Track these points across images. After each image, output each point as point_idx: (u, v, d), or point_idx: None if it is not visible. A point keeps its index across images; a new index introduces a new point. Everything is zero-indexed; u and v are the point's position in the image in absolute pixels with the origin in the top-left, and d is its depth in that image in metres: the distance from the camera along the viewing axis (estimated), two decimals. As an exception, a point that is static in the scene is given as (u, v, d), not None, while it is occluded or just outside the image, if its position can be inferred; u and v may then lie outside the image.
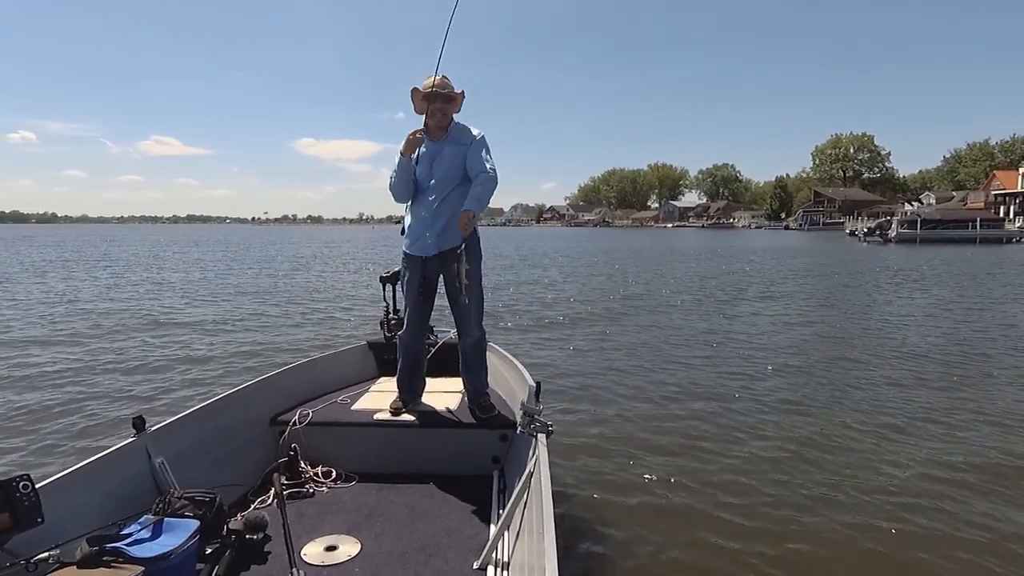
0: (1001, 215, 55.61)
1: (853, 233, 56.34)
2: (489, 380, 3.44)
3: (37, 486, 1.90)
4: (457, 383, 3.55)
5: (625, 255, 31.73)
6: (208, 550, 2.19)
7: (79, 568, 1.85)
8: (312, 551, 2.37)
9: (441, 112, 3.11)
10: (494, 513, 2.68)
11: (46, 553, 1.82)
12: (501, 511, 2.58)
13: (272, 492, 2.73)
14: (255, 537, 2.33)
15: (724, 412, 5.30)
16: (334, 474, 3.03)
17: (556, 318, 10.75)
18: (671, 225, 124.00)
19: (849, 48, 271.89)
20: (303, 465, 3.01)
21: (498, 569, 2.23)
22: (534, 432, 2.37)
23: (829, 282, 17.37)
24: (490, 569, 2.24)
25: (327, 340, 8.60)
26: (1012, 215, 57.63)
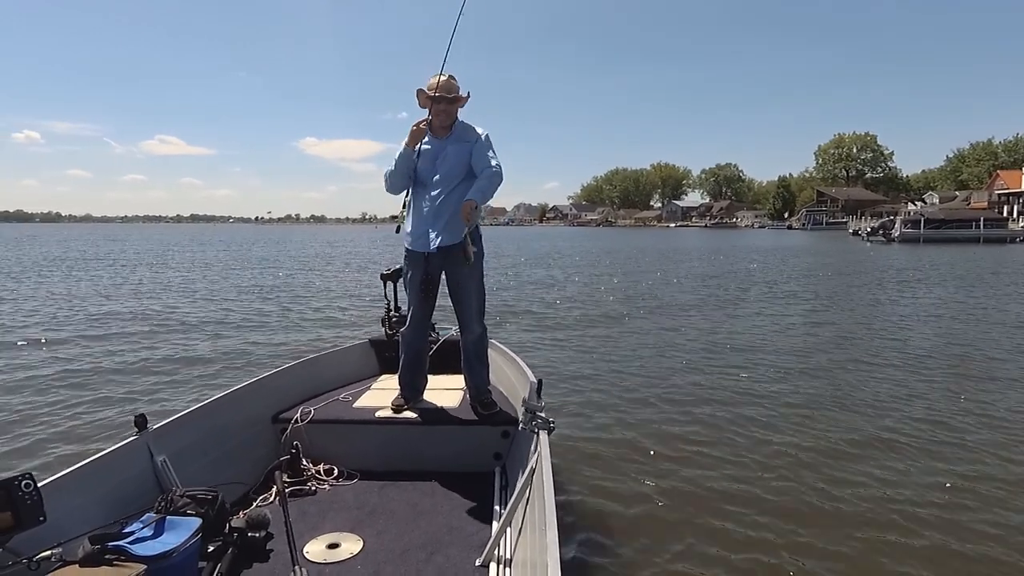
0: (1005, 215, 55.45)
1: (856, 233, 56.27)
2: (491, 377, 3.45)
3: (39, 485, 1.90)
4: (459, 380, 3.56)
5: (628, 255, 31.69)
6: (210, 548, 2.19)
7: (81, 567, 1.85)
8: (314, 549, 2.37)
9: (445, 113, 3.14)
10: (496, 510, 2.68)
11: (48, 552, 1.82)
12: (503, 508, 2.58)
13: (274, 490, 2.74)
14: (257, 535, 2.33)
15: (726, 412, 5.29)
16: (336, 472, 3.04)
17: (557, 318, 10.75)
18: (674, 225, 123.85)
19: (850, 48, 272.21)
20: (305, 463, 3.02)
21: (500, 566, 2.23)
22: (536, 429, 2.37)
23: (832, 282, 17.33)
24: (492, 566, 2.23)
25: (328, 338, 8.62)
26: (1016, 215, 57.49)
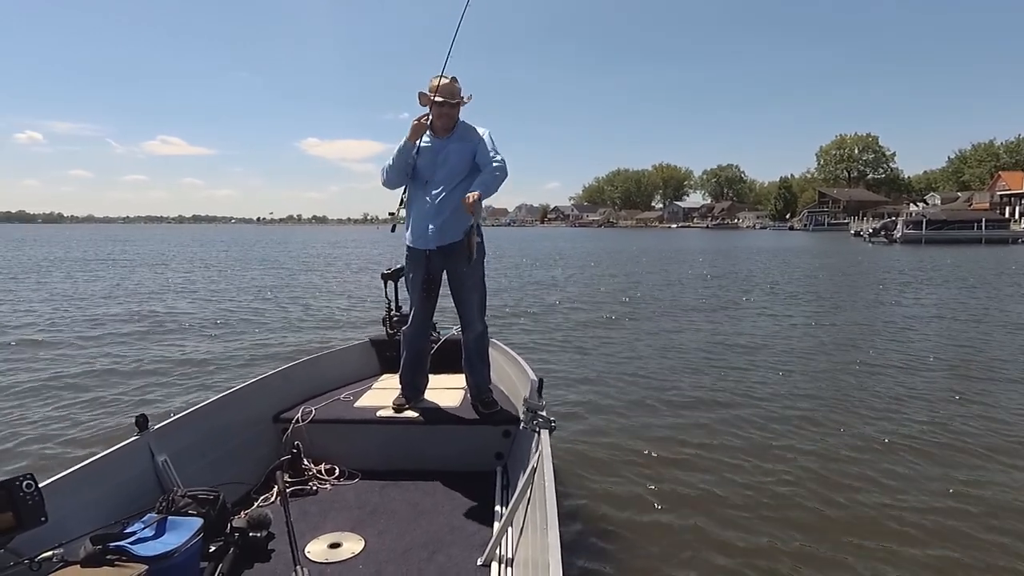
0: (1006, 216, 55.40)
1: (858, 234, 56.20)
2: (492, 376, 3.44)
3: (40, 485, 1.90)
4: (460, 380, 3.55)
5: (629, 256, 31.67)
6: (211, 548, 2.19)
7: (83, 567, 1.85)
8: (316, 548, 2.37)
9: (448, 116, 3.15)
10: (497, 509, 2.67)
11: (50, 552, 1.82)
12: (504, 507, 2.58)
13: (275, 490, 2.74)
14: (258, 535, 2.33)
15: (727, 414, 5.28)
16: (337, 471, 3.03)
17: (559, 319, 10.74)
18: (675, 226, 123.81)
19: (850, 48, 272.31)
20: (306, 463, 3.02)
21: (502, 565, 2.22)
22: (537, 428, 2.36)
23: (835, 283, 17.30)
24: (494, 565, 2.23)
25: (329, 338, 8.62)
26: (1018, 216, 57.43)
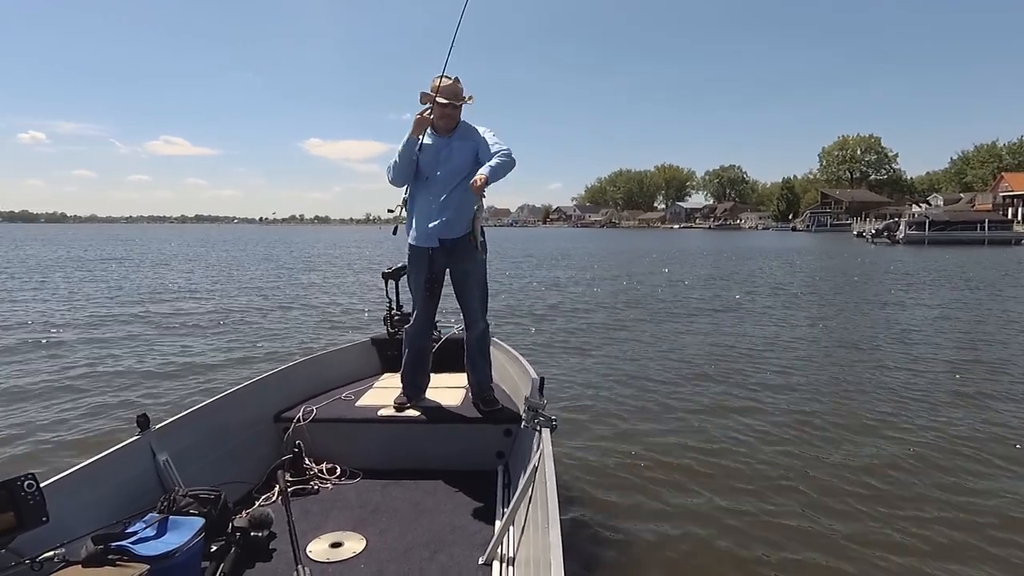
0: (1009, 217, 55.29)
1: (861, 234, 56.12)
2: (493, 375, 3.44)
3: (41, 485, 1.90)
4: (461, 379, 3.55)
5: (631, 256, 31.65)
6: (213, 548, 2.19)
7: (84, 567, 1.85)
8: (317, 548, 2.37)
9: (450, 116, 3.15)
10: (499, 508, 2.67)
11: (51, 552, 1.82)
12: (506, 506, 2.58)
13: (277, 489, 2.74)
14: (260, 534, 2.33)
15: (729, 415, 5.27)
16: (338, 470, 3.03)
17: (560, 319, 10.73)
18: (677, 226, 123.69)
19: (850, 48, 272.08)
20: (307, 462, 3.02)
21: (503, 564, 2.22)
22: (538, 427, 2.36)
23: (838, 283, 17.26)
24: (495, 564, 2.23)
25: (330, 337, 8.62)
26: (1020, 217, 57.30)
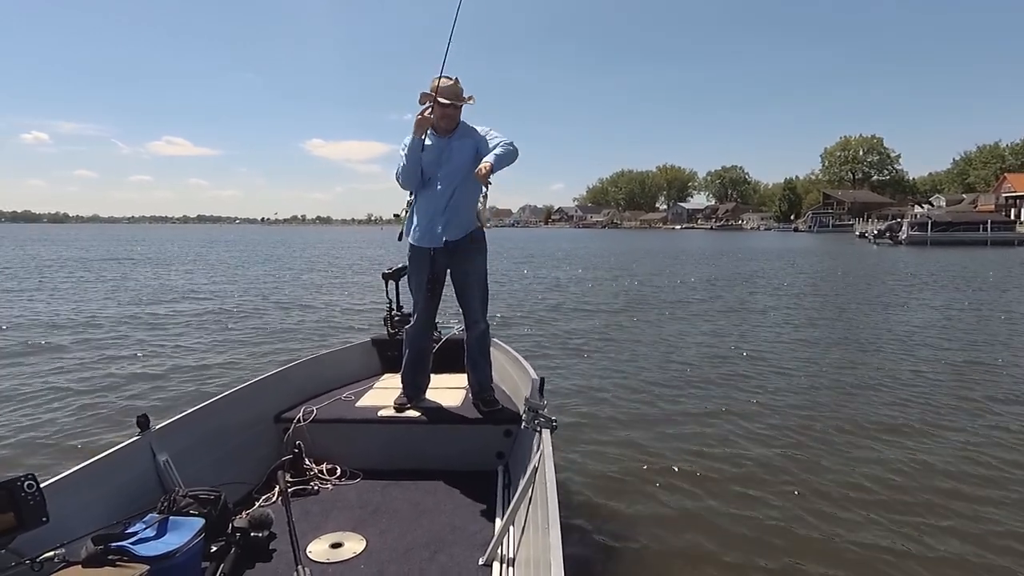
0: (1012, 218, 55.17)
1: (863, 235, 56.07)
2: (493, 375, 3.44)
3: (42, 485, 1.90)
4: (461, 379, 3.56)
5: (633, 257, 31.64)
6: (213, 548, 2.19)
7: (84, 567, 1.85)
8: (317, 548, 2.37)
9: (450, 117, 3.16)
10: (499, 509, 2.67)
11: (51, 552, 1.82)
12: (506, 507, 2.57)
13: (277, 490, 2.74)
14: (260, 535, 2.33)
15: (730, 416, 5.26)
16: (338, 471, 3.03)
17: (561, 320, 10.73)
18: (679, 227, 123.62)
19: (850, 48, 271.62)
20: (307, 462, 3.01)
21: (503, 565, 2.22)
22: (538, 427, 2.36)
23: (840, 284, 17.23)
24: (495, 565, 2.23)
25: (331, 337, 8.62)
26: (1023, 217, 57.15)
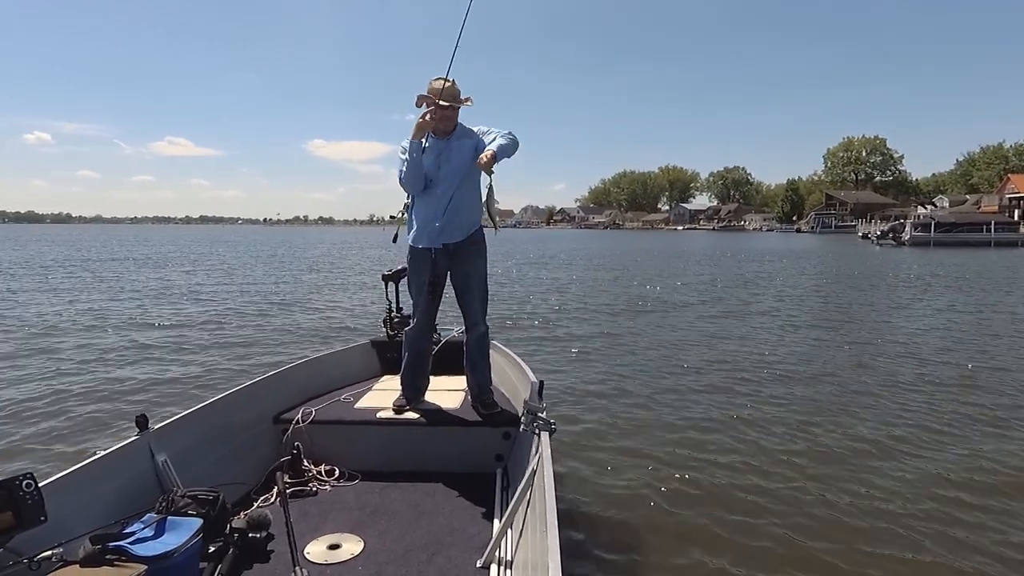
0: (1016, 219, 55.05)
1: (866, 236, 56.02)
2: (492, 378, 3.45)
3: (40, 485, 1.90)
4: (460, 381, 3.56)
5: (635, 257, 31.61)
6: (211, 548, 2.19)
7: (82, 567, 1.85)
8: (315, 549, 2.37)
9: (449, 119, 3.17)
10: (497, 511, 2.67)
11: (49, 552, 1.82)
12: (504, 509, 2.57)
13: (275, 490, 2.74)
14: (258, 535, 2.33)
15: (730, 418, 5.24)
16: (337, 472, 3.03)
17: (562, 321, 10.71)
18: (681, 228, 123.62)
19: (850, 48, 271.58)
20: (306, 463, 3.02)
21: (501, 567, 2.22)
22: (537, 430, 2.37)
23: (843, 285, 17.19)
24: (493, 567, 2.23)
25: (330, 339, 8.63)
26: (1027, 218, 57.03)
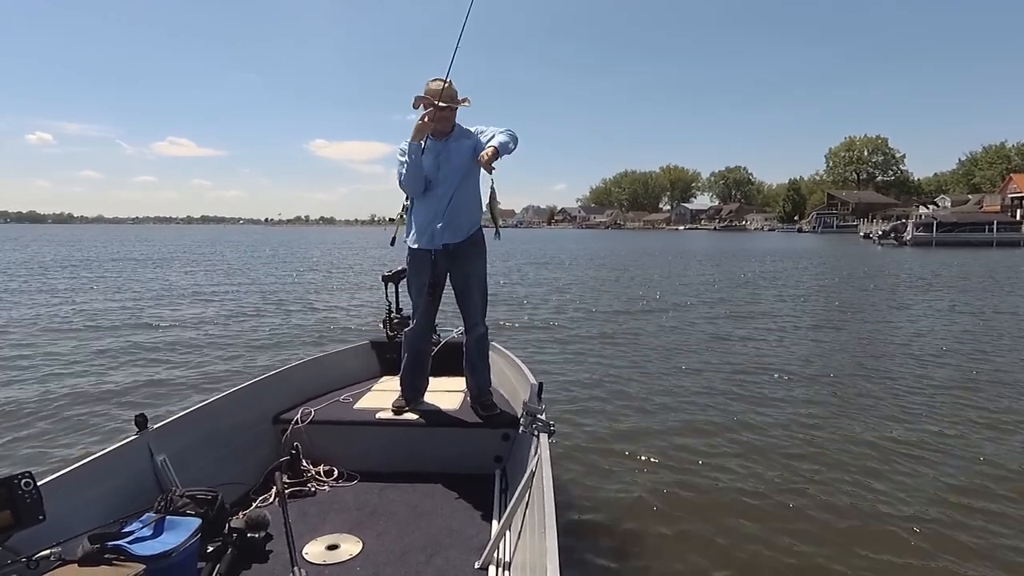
0: (1018, 218, 54.95)
1: (867, 236, 55.97)
2: (492, 379, 3.45)
3: (39, 483, 1.90)
4: (459, 382, 3.56)
5: (636, 257, 31.60)
6: (209, 548, 2.19)
7: (80, 566, 1.85)
8: (314, 550, 2.37)
9: (447, 119, 3.17)
10: (496, 512, 2.67)
11: (47, 551, 1.82)
12: (503, 511, 2.57)
13: (274, 491, 2.74)
14: (256, 536, 2.33)
15: (730, 419, 5.24)
16: (336, 473, 3.03)
17: (562, 321, 10.72)
18: (683, 228, 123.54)
19: (850, 48, 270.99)
20: (305, 464, 3.02)
21: (500, 569, 2.22)
22: (536, 432, 2.37)
23: (844, 285, 17.19)
24: (491, 569, 2.23)
25: (329, 339, 8.63)
26: (1029, 218, 56.93)
